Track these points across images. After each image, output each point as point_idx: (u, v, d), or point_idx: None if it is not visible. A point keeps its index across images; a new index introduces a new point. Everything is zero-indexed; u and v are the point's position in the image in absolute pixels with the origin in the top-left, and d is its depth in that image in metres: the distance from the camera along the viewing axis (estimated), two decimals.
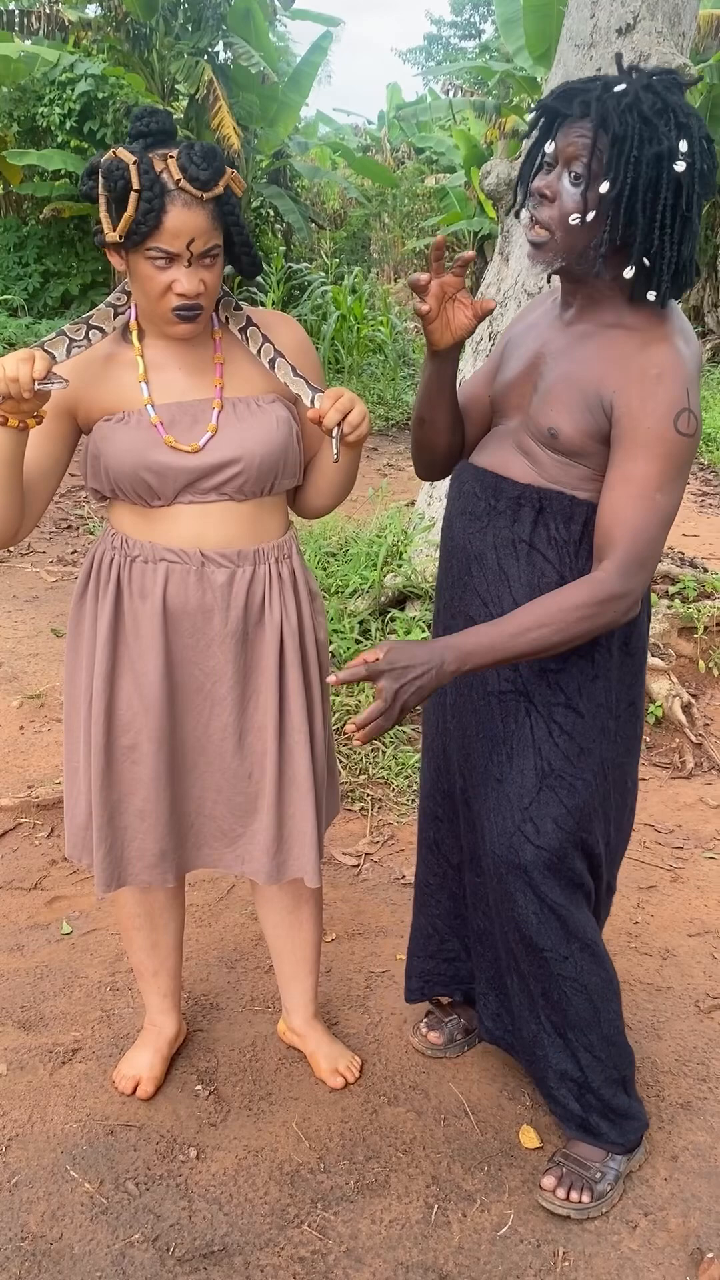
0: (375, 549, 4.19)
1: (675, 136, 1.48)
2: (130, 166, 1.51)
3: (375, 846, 2.95)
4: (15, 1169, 1.89)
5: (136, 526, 1.73)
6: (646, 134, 1.47)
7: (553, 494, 1.63)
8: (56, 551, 5.34)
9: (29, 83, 10.30)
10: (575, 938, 1.75)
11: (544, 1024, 1.82)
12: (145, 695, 1.75)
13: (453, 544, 1.77)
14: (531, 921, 1.73)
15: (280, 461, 1.72)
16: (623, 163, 1.47)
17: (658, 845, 3.02)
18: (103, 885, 1.83)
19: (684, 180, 1.49)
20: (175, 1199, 1.84)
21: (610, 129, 1.47)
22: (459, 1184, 1.89)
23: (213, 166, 1.53)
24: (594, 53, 3.35)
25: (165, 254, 1.56)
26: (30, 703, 3.66)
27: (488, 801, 1.76)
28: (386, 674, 1.50)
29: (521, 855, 1.70)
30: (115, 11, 10.31)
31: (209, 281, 1.60)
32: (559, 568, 1.65)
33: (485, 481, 1.70)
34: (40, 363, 1.46)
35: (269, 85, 10.67)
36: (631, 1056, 1.88)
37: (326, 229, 14.40)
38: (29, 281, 11.26)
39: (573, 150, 1.50)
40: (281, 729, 1.80)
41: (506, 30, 10.27)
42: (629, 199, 1.48)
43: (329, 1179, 1.89)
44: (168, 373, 1.70)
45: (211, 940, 2.54)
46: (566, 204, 1.52)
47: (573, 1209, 1.82)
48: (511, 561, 1.67)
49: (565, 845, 1.72)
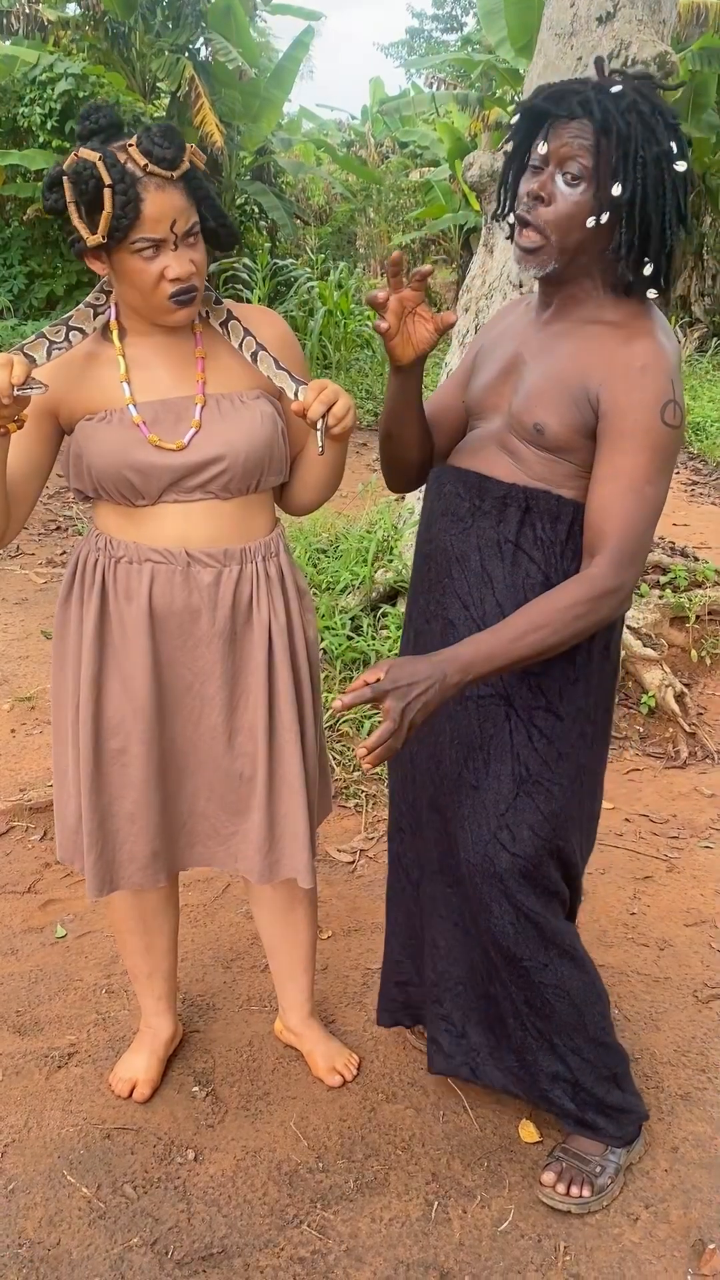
0: (365, 544, 4.18)
1: (669, 138, 1.47)
2: (97, 163, 1.50)
3: (370, 843, 2.94)
4: (11, 1175, 1.88)
5: (121, 527, 1.72)
6: (647, 136, 1.46)
7: (539, 493, 1.61)
8: (45, 553, 5.32)
9: (9, 83, 10.24)
10: (553, 944, 1.73)
11: (529, 1030, 1.79)
12: (133, 697, 1.73)
13: (431, 546, 1.73)
14: (508, 931, 1.70)
15: (265, 458, 1.70)
16: (631, 164, 1.45)
17: (653, 835, 3.01)
18: (95, 890, 1.81)
19: (684, 179, 1.49)
20: (174, 1202, 1.83)
21: (614, 130, 1.45)
22: (459, 1180, 1.88)
23: (174, 144, 1.52)
24: (574, 41, 3.33)
25: (151, 242, 1.54)
26: (21, 705, 3.64)
27: (462, 809, 1.72)
28: (391, 694, 1.48)
29: (498, 863, 1.67)
30: (94, 10, 10.26)
31: (198, 260, 1.59)
32: (544, 568, 1.62)
33: (469, 482, 1.67)
34: (18, 368, 1.44)
35: (251, 81, 10.62)
36: (623, 1054, 1.87)
37: (312, 225, 14.36)
38: (14, 283, 11.20)
39: (568, 150, 1.47)
40: (271, 728, 1.79)
41: (488, 22, 10.23)
42: (643, 201, 1.47)
43: (328, 1178, 1.88)
44: (150, 371, 1.68)
45: (207, 940, 2.52)
46: (564, 206, 1.49)
47: (573, 1204, 1.81)
48: (496, 563, 1.64)
49: (541, 853, 1.69)
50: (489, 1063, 1.88)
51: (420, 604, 1.78)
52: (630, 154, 1.45)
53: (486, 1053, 1.88)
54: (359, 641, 3.70)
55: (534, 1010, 1.77)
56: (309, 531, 4.47)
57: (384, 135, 16.20)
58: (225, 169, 10.95)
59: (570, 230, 1.50)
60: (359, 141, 16.91)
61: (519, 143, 1.57)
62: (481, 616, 1.65)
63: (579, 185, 1.48)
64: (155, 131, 1.52)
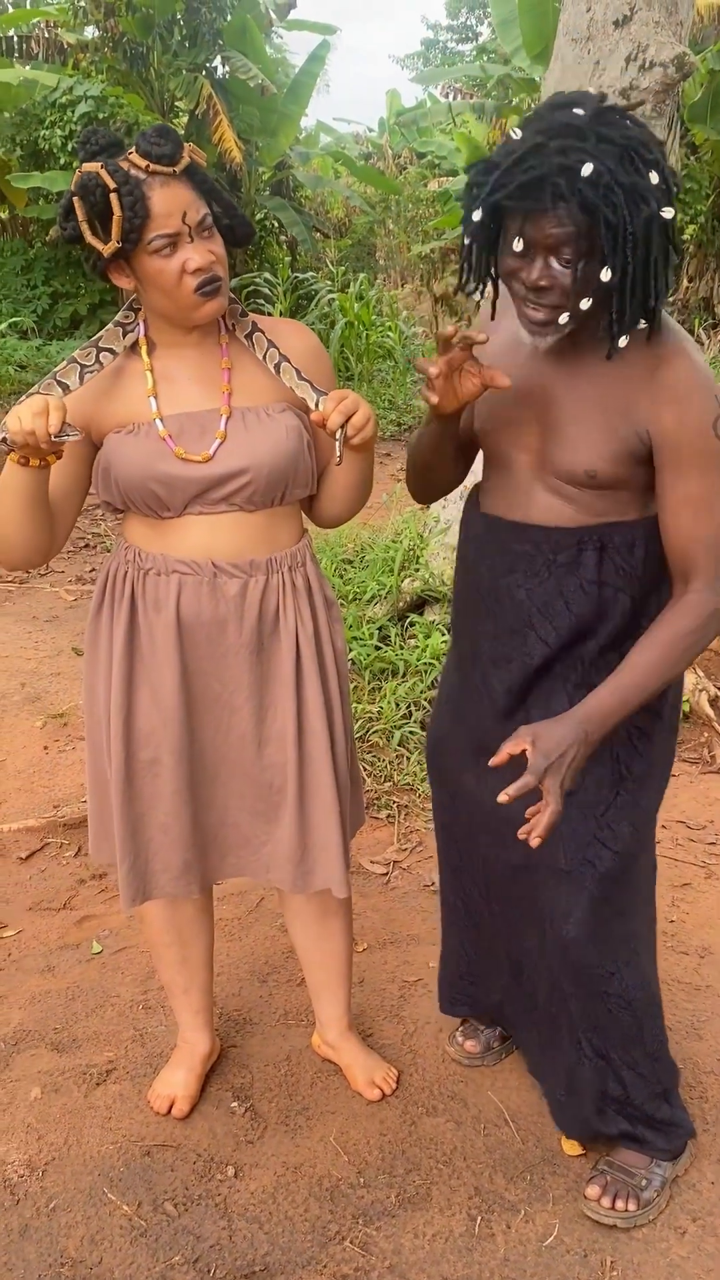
0: (392, 554, 4.17)
1: (650, 182, 1.37)
2: (99, 171, 1.53)
3: (403, 854, 2.92)
4: (53, 1193, 1.87)
5: (149, 539, 1.72)
6: (633, 205, 1.36)
7: (608, 527, 1.60)
8: (75, 570, 5.35)
9: (30, 107, 10.37)
10: (626, 948, 1.72)
11: (584, 1049, 1.77)
12: (163, 708, 1.74)
13: (498, 601, 1.69)
14: (586, 936, 1.68)
15: (290, 471, 1.70)
16: (619, 247, 1.38)
17: (690, 842, 2.97)
18: (128, 900, 1.81)
19: (671, 224, 1.41)
20: (215, 1219, 1.82)
21: (600, 218, 1.35)
22: (502, 1194, 1.86)
23: (171, 140, 1.55)
24: (591, 46, 3.32)
25: (166, 237, 1.55)
26: (54, 722, 3.65)
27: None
28: (550, 772, 1.50)
29: (599, 864, 1.67)
30: (112, 32, 10.37)
31: (217, 251, 1.61)
32: (629, 593, 1.63)
33: (533, 536, 1.63)
34: (54, 416, 1.46)
35: (268, 97, 10.69)
36: (675, 1069, 1.85)
37: (331, 237, 14.41)
38: (38, 303, 11.33)
39: (554, 240, 1.38)
40: (301, 738, 1.78)
41: (503, 31, 10.26)
42: (637, 275, 1.41)
43: (369, 1193, 1.87)
44: (177, 384, 1.69)
45: (242, 954, 2.52)
46: (566, 283, 1.42)
47: (619, 1218, 1.78)
48: (584, 604, 1.63)
49: (637, 849, 1.71)
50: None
51: (484, 646, 1.74)
52: (619, 234, 1.36)
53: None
54: (387, 651, 3.69)
55: (593, 1025, 1.75)
56: (335, 542, 4.47)
57: (401, 146, 16.26)
58: (244, 185, 11.02)
59: (580, 298, 1.44)
60: (376, 153, 16.97)
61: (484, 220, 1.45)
62: (573, 650, 1.66)
63: (574, 265, 1.40)
64: (150, 133, 1.55)
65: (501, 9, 10.11)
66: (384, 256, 15.50)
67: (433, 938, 2.51)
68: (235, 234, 1.67)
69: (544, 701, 1.69)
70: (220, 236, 1.63)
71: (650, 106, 3.21)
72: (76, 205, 1.56)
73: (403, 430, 8.55)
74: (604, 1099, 1.80)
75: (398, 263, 15.45)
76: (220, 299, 1.63)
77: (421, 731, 3.38)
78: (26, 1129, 2.01)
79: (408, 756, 3.30)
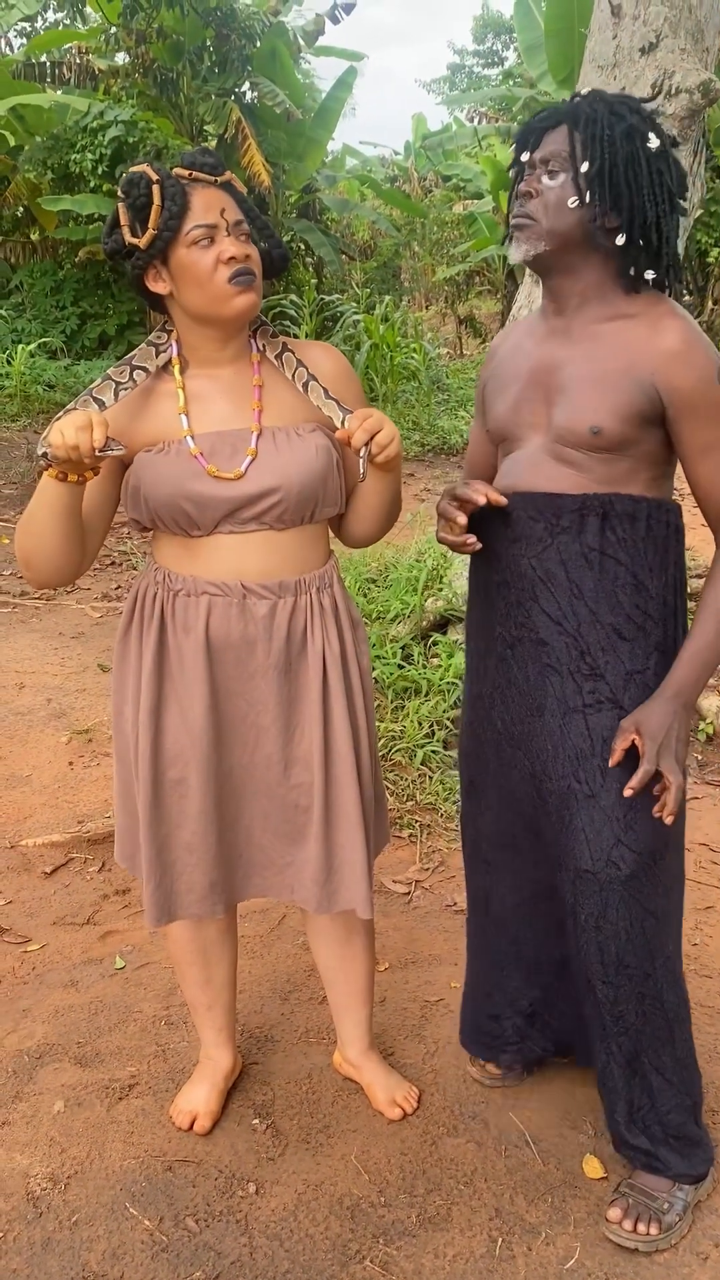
0: (415, 574, 4.20)
1: (637, 117, 1.58)
2: (145, 169, 1.60)
3: (425, 873, 2.92)
4: (75, 1207, 1.88)
5: (178, 559, 1.75)
6: (613, 117, 1.57)
7: (612, 497, 1.66)
8: (101, 588, 5.40)
9: (61, 131, 10.54)
10: (660, 951, 1.73)
11: (614, 1053, 1.77)
12: (191, 727, 1.75)
13: (506, 573, 1.75)
14: (622, 936, 1.70)
15: (320, 490, 1.72)
16: (598, 142, 1.56)
17: (713, 865, 2.96)
18: (154, 919, 1.83)
19: (661, 156, 1.58)
20: (235, 1236, 1.82)
21: (580, 118, 1.58)
22: (522, 1216, 1.86)
23: (214, 156, 1.64)
24: (617, 73, 3.35)
25: (205, 227, 1.61)
26: (79, 738, 3.69)
27: (576, 821, 1.71)
28: (663, 755, 1.62)
29: (624, 866, 1.67)
30: (143, 59, 10.54)
31: (252, 254, 1.66)
32: (631, 567, 1.67)
33: (537, 503, 1.69)
34: (98, 431, 1.49)
35: (295, 122, 10.82)
36: (700, 1081, 1.84)
37: (357, 260, 14.53)
38: (67, 324, 11.47)
39: (547, 152, 1.60)
40: (327, 759, 1.79)
41: (529, 56, 10.35)
42: (611, 173, 1.56)
43: (390, 1212, 1.87)
44: (208, 403, 1.71)
45: (264, 972, 2.53)
46: (548, 195, 1.60)
47: (640, 1241, 1.77)
48: (584, 573, 1.67)
49: (662, 846, 1.71)
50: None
51: (497, 631, 1.79)
52: (597, 135, 1.56)
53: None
54: (410, 670, 3.70)
55: (624, 1028, 1.75)
56: (359, 562, 4.49)
57: (427, 170, 16.39)
58: (272, 208, 11.13)
59: (556, 214, 1.59)
60: (402, 176, 17.11)
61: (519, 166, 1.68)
62: (576, 627, 1.69)
63: (559, 176, 1.59)
64: (195, 149, 1.65)
65: (527, 34, 10.21)
66: (409, 279, 15.60)
67: (455, 958, 2.51)
68: (271, 258, 1.72)
69: (557, 692, 1.72)
70: (255, 248, 1.68)
71: (676, 132, 3.23)
72: (120, 211, 1.62)
73: (426, 450, 8.58)
74: (632, 1112, 1.79)
75: (423, 285, 15.55)
76: (253, 294, 1.66)
77: (445, 751, 3.38)
78: (50, 1142, 2.02)
79: (430, 776, 3.30)
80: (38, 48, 11.31)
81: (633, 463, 1.65)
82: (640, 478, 1.66)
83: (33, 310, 11.60)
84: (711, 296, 11.73)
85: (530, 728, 1.76)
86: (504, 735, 1.82)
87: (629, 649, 1.68)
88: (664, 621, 1.70)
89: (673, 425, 1.62)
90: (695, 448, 1.63)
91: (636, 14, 3.28)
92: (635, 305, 1.64)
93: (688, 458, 1.64)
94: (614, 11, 3.31)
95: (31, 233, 12.34)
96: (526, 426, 1.72)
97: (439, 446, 8.66)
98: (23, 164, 10.98)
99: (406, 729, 3.43)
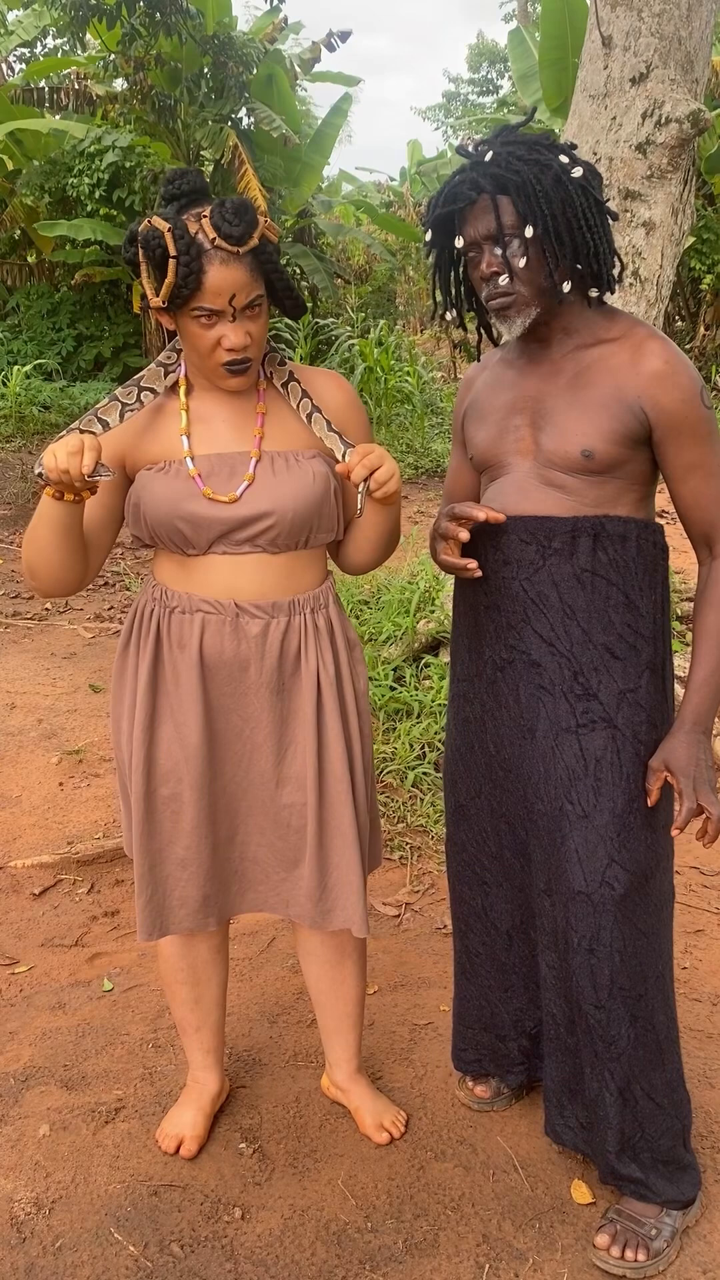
0: (408, 596, 4.21)
1: (554, 156, 1.60)
2: (165, 234, 1.56)
3: (416, 896, 2.92)
4: (59, 1231, 1.87)
5: (175, 577, 1.76)
6: (536, 169, 1.58)
7: (603, 519, 1.68)
8: (94, 608, 5.40)
9: (59, 156, 10.62)
10: (653, 971, 1.73)
11: (606, 1080, 1.76)
12: (185, 744, 1.76)
13: (494, 596, 1.76)
14: (615, 958, 1.70)
15: (314, 516, 1.74)
16: (534, 203, 1.58)
17: (704, 889, 2.96)
18: (145, 933, 1.83)
19: (586, 180, 1.62)
20: (221, 1261, 1.81)
21: (507, 186, 1.58)
22: (510, 1242, 1.84)
23: (245, 220, 1.58)
24: (608, 102, 3.39)
25: (209, 311, 1.61)
26: (69, 759, 3.68)
27: (568, 842, 1.71)
28: (699, 789, 1.65)
29: (618, 886, 1.68)
30: (141, 85, 10.63)
31: (254, 333, 1.65)
32: (622, 587, 1.69)
33: (529, 526, 1.70)
34: (88, 456, 1.51)
35: (292, 147, 10.91)
36: (690, 1104, 1.83)
37: (352, 284, 14.63)
38: (63, 346, 11.53)
39: (485, 229, 1.60)
40: (321, 779, 1.80)
41: (523, 85, 10.47)
42: (557, 224, 1.59)
43: (377, 1238, 1.85)
44: (211, 425, 1.73)
45: (253, 995, 2.51)
46: (515, 264, 1.61)
47: (629, 1268, 1.76)
48: (577, 594, 1.69)
49: (654, 866, 1.72)
50: (559, 1122, 1.90)
51: (486, 654, 1.79)
52: (530, 195, 1.57)
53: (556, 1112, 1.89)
54: (401, 692, 3.71)
55: (617, 1054, 1.74)
56: (352, 583, 4.50)
57: (422, 195, 16.51)
58: None
59: (530, 279, 1.62)
60: (398, 202, 17.23)
61: (441, 249, 1.72)
62: (570, 648, 1.70)
63: (512, 243, 1.60)
64: (229, 207, 1.58)
65: (521, 63, 10.33)
66: (404, 303, 15.69)
67: (444, 981, 2.50)
68: (285, 308, 1.74)
69: (549, 713, 1.72)
70: (266, 315, 1.69)
71: (667, 161, 3.27)
72: (139, 247, 1.61)
73: (420, 473, 8.61)
74: (623, 1143, 1.78)
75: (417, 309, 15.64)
76: (246, 377, 1.69)
77: (436, 773, 3.38)
78: (34, 1166, 2.01)
79: (421, 798, 3.30)
80: (37, 73, 11.40)
81: (621, 484, 1.67)
82: (628, 499, 1.69)
83: (29, 332, 11.66)
84: (703, 322, 11.82)
85: (521, 750, 1.77)
86: (495, 759, 1.82)
87: (621, 668, 1.69)
88: (654, 639, 1.72)
89: (658, 445, 1.65)
90: (680, 466, 1.66)
91: (627, 45, 3.32)
92: (615, 329, 1.67)
93: (673, 476, 1.67)
94: (605, 42, 3.35)
95: (28, 255, 12.41)
96: (512, 453, 1.74)
97: (432, 469, 8.70)
98: (20, 188, 11.06)
99: (398, 751, 3.43)
